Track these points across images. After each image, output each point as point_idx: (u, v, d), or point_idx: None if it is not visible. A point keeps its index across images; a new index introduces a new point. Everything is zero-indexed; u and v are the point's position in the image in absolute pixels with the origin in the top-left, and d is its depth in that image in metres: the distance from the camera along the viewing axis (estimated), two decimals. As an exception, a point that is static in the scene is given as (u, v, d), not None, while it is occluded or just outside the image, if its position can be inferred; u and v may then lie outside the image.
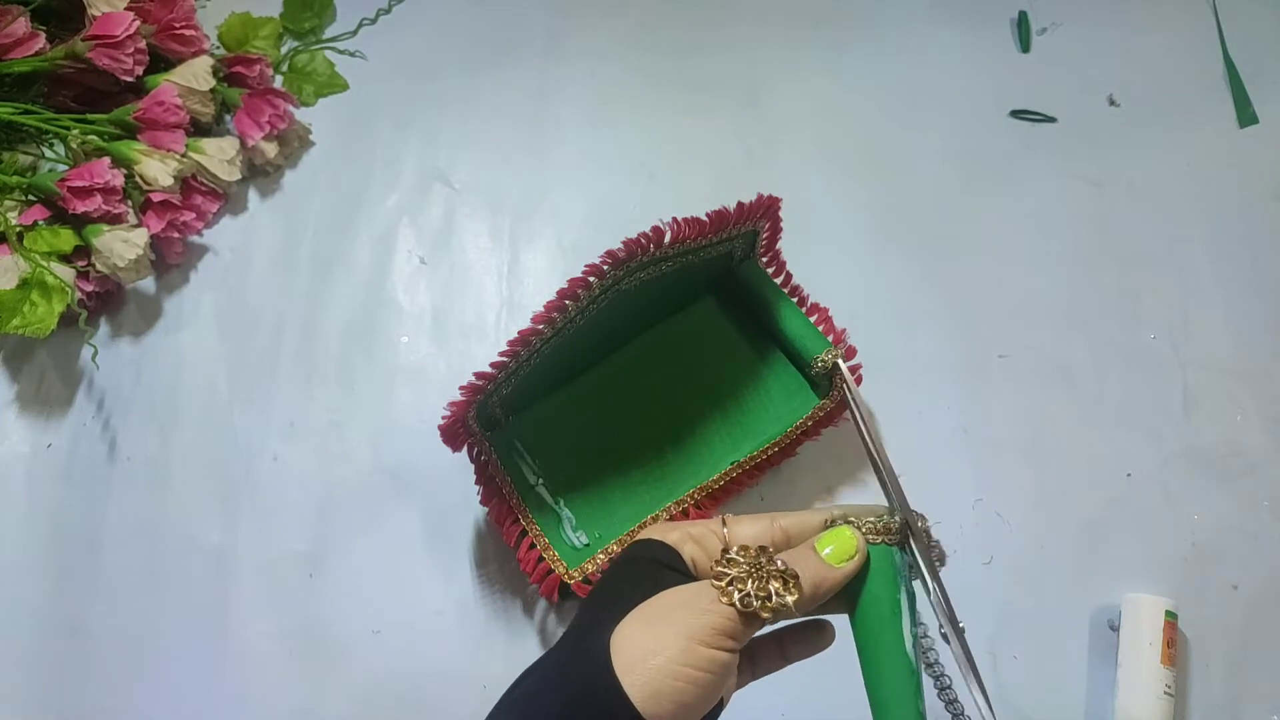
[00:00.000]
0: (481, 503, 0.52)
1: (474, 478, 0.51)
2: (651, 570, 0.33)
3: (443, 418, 0.49)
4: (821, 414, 0.55)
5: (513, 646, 0.53)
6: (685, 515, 0.53)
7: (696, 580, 0.33)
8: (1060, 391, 0.59)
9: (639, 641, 0.30)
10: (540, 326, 0.45)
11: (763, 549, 0.32)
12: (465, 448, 0.50)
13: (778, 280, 0.57)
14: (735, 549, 0.32)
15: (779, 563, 0.32)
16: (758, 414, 0.55)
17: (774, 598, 0.31)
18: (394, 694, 0.52)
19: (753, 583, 0.31)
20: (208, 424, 0.60)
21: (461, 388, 0.48)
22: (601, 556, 0.50)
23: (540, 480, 0.53)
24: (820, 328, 0.55)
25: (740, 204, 0.48)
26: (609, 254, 0.44)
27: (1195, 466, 0.57)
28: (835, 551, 0.33)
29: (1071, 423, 0.58)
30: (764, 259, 0.56)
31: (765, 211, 0.51)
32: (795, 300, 0.56)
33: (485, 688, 0.52)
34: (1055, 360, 0.60)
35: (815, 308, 0.57)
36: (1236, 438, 0.57)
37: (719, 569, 0.31)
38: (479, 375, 0.47)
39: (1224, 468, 0.57)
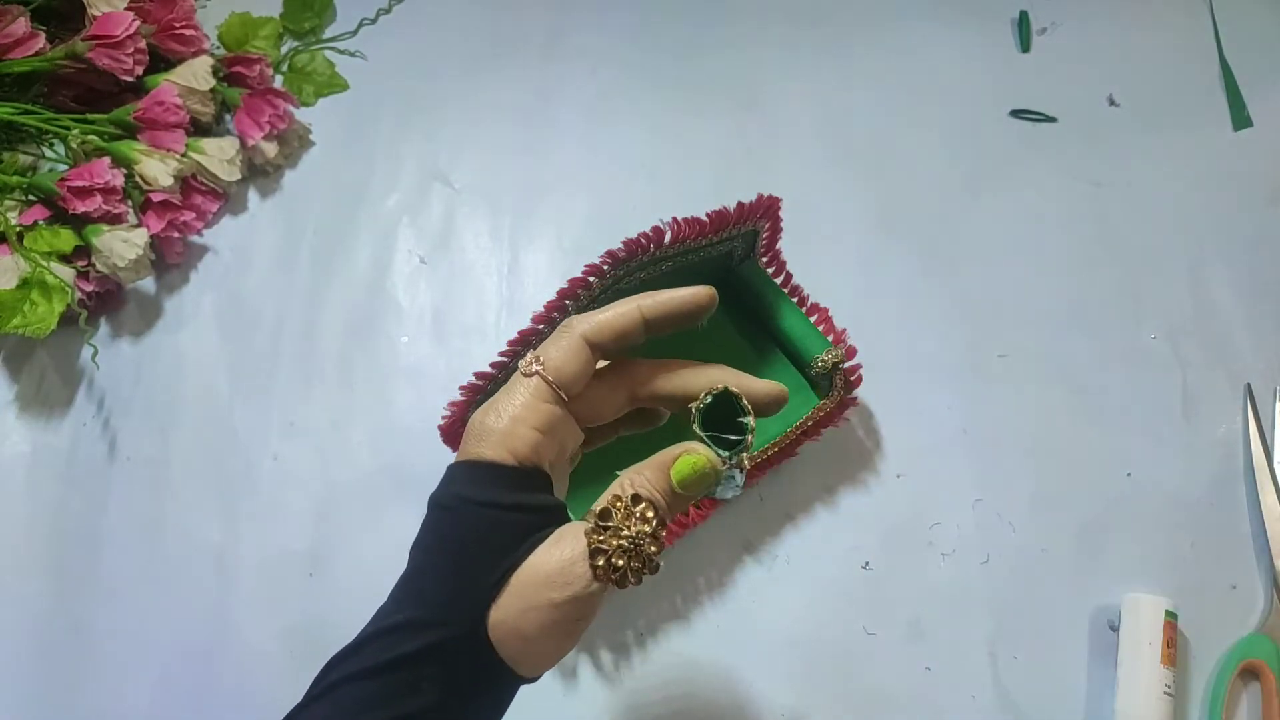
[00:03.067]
0: (481, 503, 0.51)
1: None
2: (492, 526, 0.31)
3: (443, 418, 0.49)
4: (821, 414, 0.55)
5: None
6: (685, 514, 0.53)
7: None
8: (1060, 391, 0.59)
9: (520, 635, 0.30)
10: (540, 326, 0.45)
11: (634, 500, 0.31)
12: (465, 448, 0.50)
13: (778, 280, 0.57)
14: (614, 506, 0.31)
15: (648, 511, 0.31)
16: (758, 414, 0.55)
17: (647, 565, 0.30)
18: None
19: (629, 558, 0.30)
20: (208, 424, 0.60)
21: (461, 388, 0.48)
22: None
23: (540, 480, 0.53)
24: (820, 328, 0.55)
25: (740, 204, 0.48)
26: (609, 254, 0.44)
27: (1195, 466, 0.57)
28: (690, 482, 0.32)
29: (1071, 423, 0.58)
30: (764, 259, 0.56)
31: (765, 211, 0.51)
32: (795, 300, 0.56)
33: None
34: (1055, 360, 0.60)
35: (815, 308, 0.57)
36: (1235, 438, 0.57)
37: (596, 540, 0.30)
38: (479, 375, 0.47)
39: (1223, 468, 0.57)
